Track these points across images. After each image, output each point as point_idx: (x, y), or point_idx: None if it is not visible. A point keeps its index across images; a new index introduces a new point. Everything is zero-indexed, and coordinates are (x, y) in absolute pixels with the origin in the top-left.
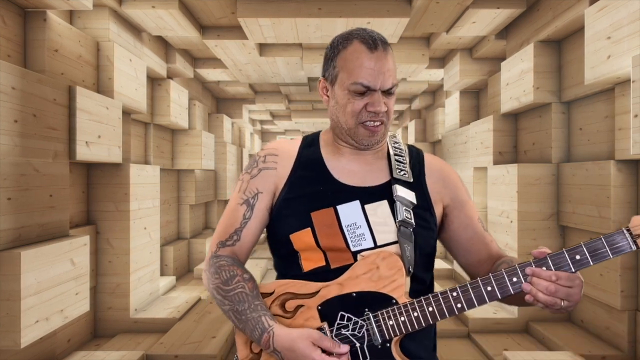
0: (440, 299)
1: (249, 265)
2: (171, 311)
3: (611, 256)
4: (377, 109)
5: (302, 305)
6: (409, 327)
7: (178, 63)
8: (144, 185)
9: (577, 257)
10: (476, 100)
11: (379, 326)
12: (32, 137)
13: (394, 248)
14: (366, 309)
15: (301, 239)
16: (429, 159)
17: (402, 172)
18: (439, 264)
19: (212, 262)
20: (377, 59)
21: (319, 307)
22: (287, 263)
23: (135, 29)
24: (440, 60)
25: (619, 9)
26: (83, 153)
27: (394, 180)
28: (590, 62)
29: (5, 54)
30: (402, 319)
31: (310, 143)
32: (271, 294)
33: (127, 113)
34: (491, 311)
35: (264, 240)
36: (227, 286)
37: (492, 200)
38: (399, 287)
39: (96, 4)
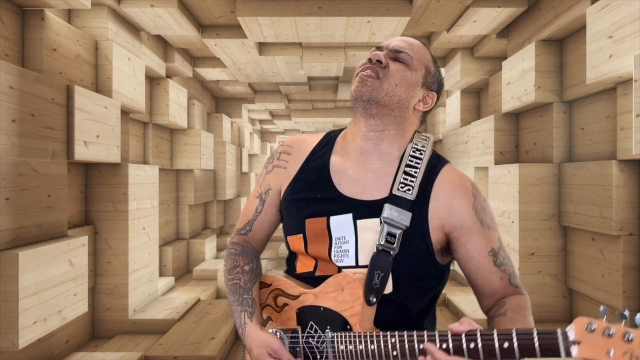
0: (381, 340)
1: None
2: (170, 312)
3: (539, 355)
4: (372, 55)
5: (287, 304)
6: (354, 357)
7: (177, 62)
8: (143, 185)
9: (505, 345)
10: (477, 99)
11: (332, 347)
12: (30, 137)
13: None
14: (328, 326)
15: (294, 243)
16: (443, 177)
17: (405, 188)
18: None
19: (228, 247)
20: (404, 36)
21: (297, 311)
22: (290, 261)
23: (134, 28)
24: (441, 60)
25: (621, 8)
26: (81, 153)
27: (390, 198)
28: (592, 61)
29: (3, 53)
30: (350, 347)
31: (327, 142)
32: (269, 285)
33: (125, 112)
34: None
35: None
36: (229, 275)
37: (493, 201)
38: (355, 314)
39: (94, 3)
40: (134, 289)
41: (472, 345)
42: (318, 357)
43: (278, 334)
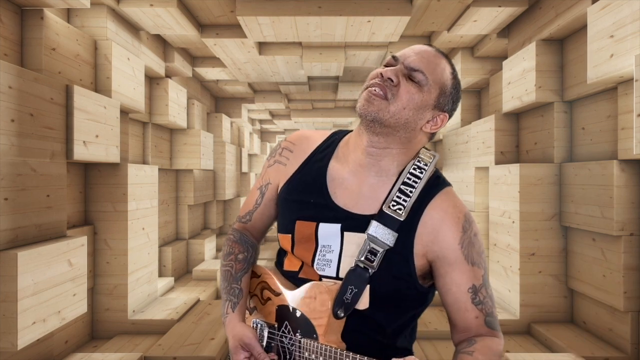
0: (338, 358)
1: None
2: (169, 312)
3: None
4: (385, 72)
5: (270, 299)
6: None
7: (176, 62)
8: (142, 185)
9: None
10: (478, 99)
11: (299, 352)
12: (29, 137)
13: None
14: (299, 330)
15: (283, 241)
16: (437, 202)
17: (396, 207)
18: None
19: (229, 233)
20: (424, 48)
21: (276, 308)
22: (279, 255)
23: (133, 28)
24: None
25: (622, 7)
26: (80, 153)
27: (378, 215)
28: (593, 60)
29: (2, 53)
30: (313, 356)
31: (330, 144)
32: (259, 276)
33: (125, 112)
34: None
35: (263, 241)
36: (224, 261)
37: (493, 201)
38: (322, 325)
39: (94, 2)
40: (133, 290)
41: None
42: (288, 357)
43: (259, 325)
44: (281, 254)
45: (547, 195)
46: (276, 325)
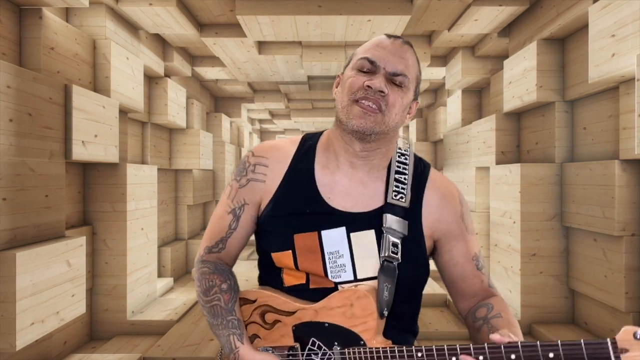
0: (405, 355)
1: (248, 267)
2: (169, 313)
3: None
4: (374, 84)
5: (279, 321)
6: None
7: (176, 61)
8: (141, 185)
9: (551, 355)
10: (478, 99)
11: None
12: (28, 137)
13: (373, 284)
14: (335, 342)
15: (281, 259)
16: (432, 183)
17: (398, 196)
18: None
19: (198, 267)
20: (393, 44)
21: (294, 328)
22: (270, 274)
23: (132, 27)
24: (442, 59)
25: (623, 7)
26: (79, 153)
27: (387, 207)
28: (594, 60)
29: (1, 52)
30: None
31: (307, 149)
32: (254, 302)
33: (124, 112)
34: None
35: None
36: (206, 297)
37: (494, 201)
38: (369, 329)
39: (93, 2)
40: (132, 290)
41: (513, 356)
42: None
43: (270, 351)
44: (273, 273)
45: (548, 195)
46: (298, 347)
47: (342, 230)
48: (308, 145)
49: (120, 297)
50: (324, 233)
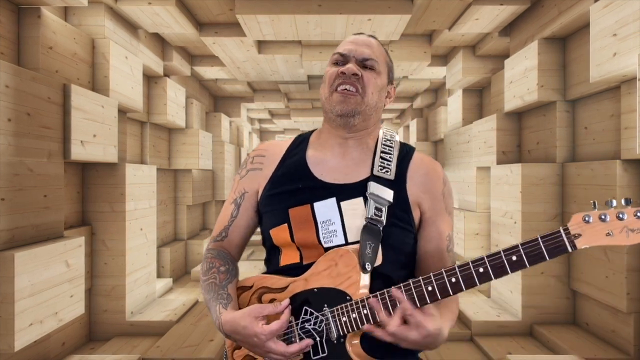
0: (386, 296)
1: (248, 267)
2: (168, 314)
3: (547, 258)
4: (347, 69)
5: (274, 299)
6: (359, 323)
7: (175, 61)
8: (140, 185)
9: (514, 257)
10: (479, 98)
11: (334, 322)
12: (26, 136)
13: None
14: (325, 305)
15: (279, 234)
16: (417, 160)
17: (383, 170)
18: None
19: (204, 256)
20: (359, 37)
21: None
22: (271, 257)
23: (131, 26)
24: (443, 58)
25: (625, 6)
26: (78, 152)
27: (372, 177)
28: (596, 59)
29: None
30: (354, 315)
31: (300, 142)
32: (250, 287)
33: (123, 112)
34: (494, 314)
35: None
36: (205, 276)
37: (495, 201)
38: (353, 283)
39: (91, 1)
40: (131, 291)
41: (481, 270)
42: (318, 338)
43: None
44: (273, 256)
45: (549, 195)
46: (292, 318)
47: (332, 200)
48: (301, 139)
49: (119, 297)
50: (316, 205)
